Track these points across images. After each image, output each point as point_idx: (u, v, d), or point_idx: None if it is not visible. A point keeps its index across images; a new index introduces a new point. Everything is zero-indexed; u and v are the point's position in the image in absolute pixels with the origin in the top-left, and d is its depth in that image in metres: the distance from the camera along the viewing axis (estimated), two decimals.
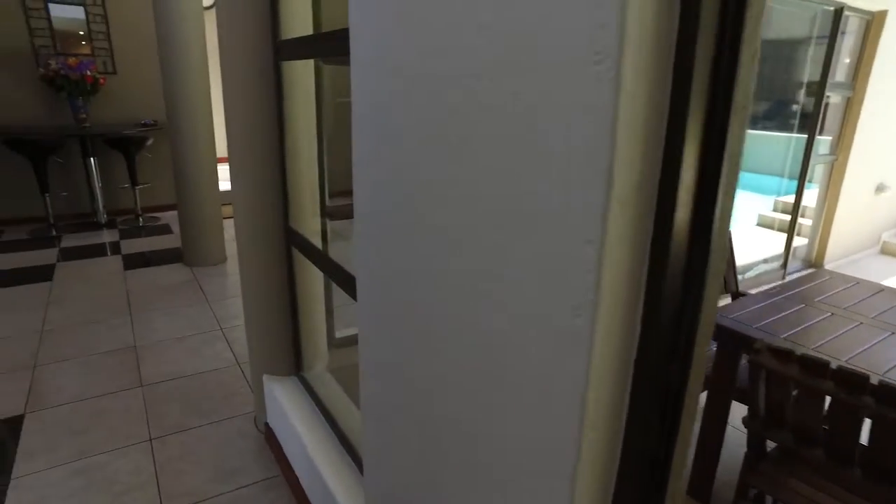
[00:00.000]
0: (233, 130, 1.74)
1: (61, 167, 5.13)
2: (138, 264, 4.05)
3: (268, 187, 1.77)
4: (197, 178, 3.83)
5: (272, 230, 1.81)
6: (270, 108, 1.69)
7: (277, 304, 1.90)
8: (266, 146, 1.71)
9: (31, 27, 4.78)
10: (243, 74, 1.66)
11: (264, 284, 1.88)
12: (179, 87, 3.63)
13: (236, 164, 1.78)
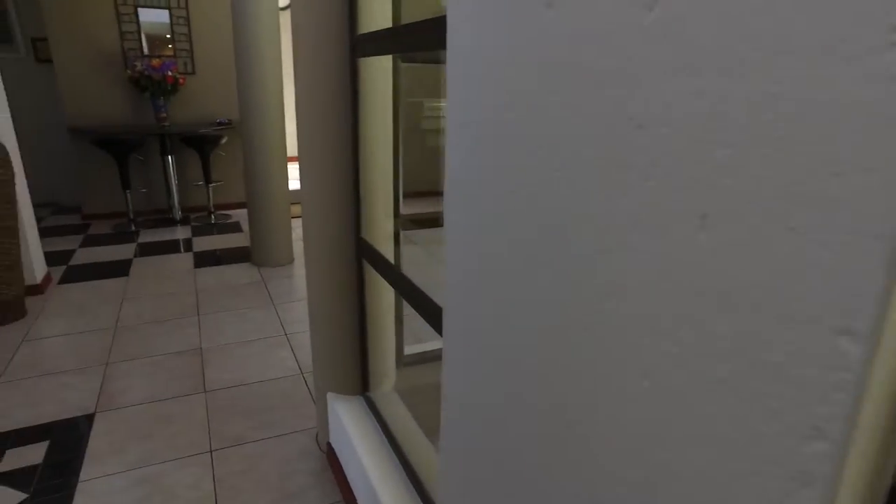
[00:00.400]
0: (304, 131, 1.64)
1: (141, 165, 5.33)
2: (208, 262, 4.10)
3: (339, 193, 1.65)
4: (266, 178, 3.83)
5: (342, 240, 1.70)
6: (345, 108, 1.57)
7: (345, 319, 1.79)
8: (339, 149, 1.60)
9: (122, 31, 4.98)
10: (317, 72, 1.55)
11: (332, 298, 1.76)
12: (253, 86, 3.63)
13: (307, 167, 1.67)
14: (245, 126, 3.75)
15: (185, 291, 3.52)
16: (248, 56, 3.57)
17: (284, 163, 3.90)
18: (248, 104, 3.68)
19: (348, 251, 1.69)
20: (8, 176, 2.87)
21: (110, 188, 5.24)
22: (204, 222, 5.28)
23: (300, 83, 1.60)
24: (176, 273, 3.86)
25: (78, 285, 3.63)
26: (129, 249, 4.40)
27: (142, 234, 4.84)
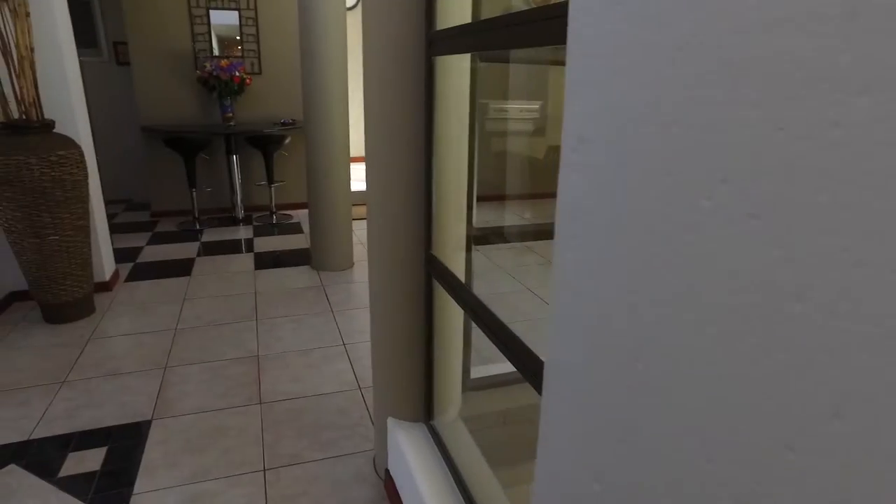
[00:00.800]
0: (373, 135, 1.52)
1: (207, 164, 5.43)
2: (268, 264, 4.10)
3: (409, 204, 1.52)
4: (329, 180, 3.78)
5: (410, 254, 1.56)
6: (417, 110, 1.44)
7: (410, 341, 1.65)
8: (410, 155, 1.47)
9: (194, 33, 5.09)
10: (388, 71, 1.42)
11: (396, 318, 1.64)
12: (317, 86, 3.59)
13: (374, 174, 1.55)
14: (309, 126, 3.71)
15: (244, 294, 3.51)
16: (314, 56, 3.53)
17: (347, 164, 3.84)
18: (313, 104, 3.64)
19: (416, 267, 1.56)
20: (81, 176, 2.92)
21: (177, 187, 5.37)
22: (265, 222, 5.32)
23: (370, 83, 1.48)
24: (236, 274, 3.87)
25: (143, 283, 3.69)
26: (193, 248, 4.47)
27: (205, 233, 4.92)
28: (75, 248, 2.97)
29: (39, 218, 2.79)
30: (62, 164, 2.79)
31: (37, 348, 2.79)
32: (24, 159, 2.67)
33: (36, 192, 2.73)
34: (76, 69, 3.29)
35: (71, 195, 2.86)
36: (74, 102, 3.19)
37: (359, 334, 2.98)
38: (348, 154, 3.82)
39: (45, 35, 3.01)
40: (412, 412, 1.77)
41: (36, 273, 2.92)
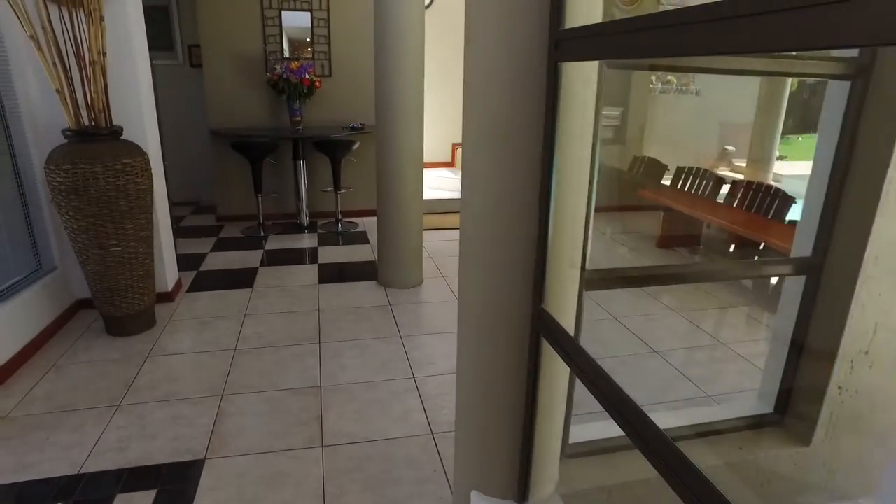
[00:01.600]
0: (475, 160, 1.25)
1: (273, 168, 5.37)
2: (333, 278, 3.93)
3: (520, 245, 1.24)
4: (401, 189, 3.56)
5: (516, 309, 1.28)
6: (534, 131, 1.16)
7: (508, 409, 1.37)
8: (523, 186, 1.19)
9: (266, 35, 5.03)
10: (498, 81, 1.15)
11: (492, 381, 1.36)
12: (392, 90, 3.38)
13: (475, 207, 1.28)
14: (381, 132, 3.51)
15: (307, 311, 3.34)
16: (389, 57, 3.32)
17: (420, 172, 3.61)
18: (387, 109, 3.43)
19: (521, 323, 1.28)
20: (146, 185, 2.82)
21: (243, 191, 5.33)
22: (330, 230, 5.19)
23: (473, 94, 1.21)
24: (299, 288, 3.72)
25: (205, 295, 3.60)
26: (256, 257, 4.38)
27: (269, 240, 4.84)
28: (138, 259, 2.88)
29: (103, 228, 2.71)
30: (127, 173, 2.69)
31: (96, 363, 2.71)
32: (90, 168, 2.58)
33: (101, 201, 2.65)
34: (148, 74, 3.22)
35: (135, 205, 2.77)
36: (144, 108, 3.12)
37: (429, 366, 2.73)
38: (422, 161, 3.60)
39: (118, 39, 2.95)
40: (503, 487, 1.48)
41: (99, 285, 2.84)
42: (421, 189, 3.66)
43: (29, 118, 2.90)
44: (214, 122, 5.14)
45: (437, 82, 7.02)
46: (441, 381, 2.60)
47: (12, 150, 2.85)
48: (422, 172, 3.63)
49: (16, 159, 2.87)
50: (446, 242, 4.83)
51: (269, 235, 5.00)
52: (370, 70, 5.23)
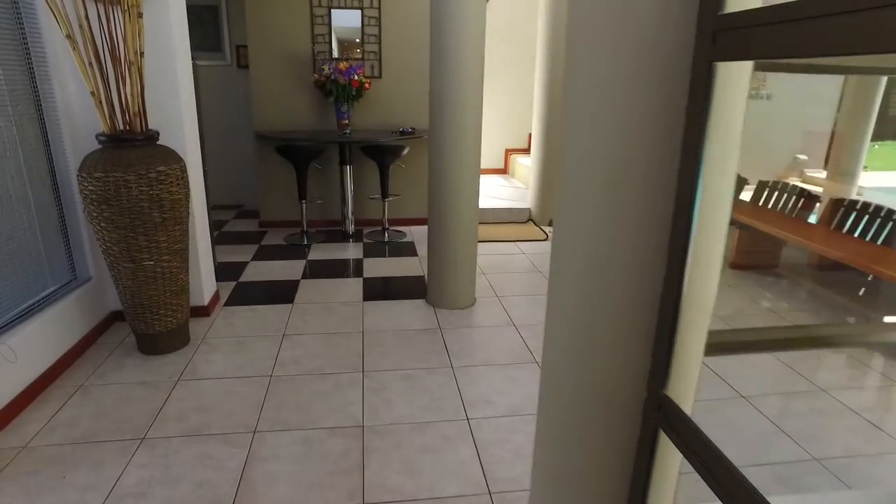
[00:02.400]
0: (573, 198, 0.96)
1: (319, 174, 5.20)
2: (378, 294, 3.69)
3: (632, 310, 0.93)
4: (455, 200, 3.29)
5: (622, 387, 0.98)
6: (670, 150, 0.86)
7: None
8: (641, 233, 0.89)
9: (314, 34, 4.86)
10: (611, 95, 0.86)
11: (583, 482, 1.06)
12: (449, 90, 3.11)
13: (568, 259, 0.99)
14: (435, 137, 3.25)
15: (350, 333, 3.11)
16: (447, 55, 3.06)
17: (476, 181, 3.33)
18: (441, 111, 3.17)
19: (629, 406, 0.97)
20: (181, 195, 2.65)
21: (287, 197, 5.18)
22: (376, 239, 4.98)
23: (578, 111, 0.92)
24: (342, 305, 3.49)
25: (243, 310, 3.42)
26: (298, 268, 4.19)
27: (313, 249, 4.65)
28: (171, 274, 2.71)
29: (136, 241, 2.54)
30: (161, 182, 2.52)
31: (125, 385, 2.55)
32: (122, 176, 2.42)
33: (133, 212, 2.48)
34: (189, 75, 3.06)
35: (169, 216, 2.59)
36: (184, 112, 2.95)
37: (485, 405, 2.44)
38: (478, 169, 3.32)
39: (157, 38, 2.79)
40: None
41: (130, 300, 2.69)
42: (476, 201, 3.38)
43: (67, 122, 2.78)
44: (259, 125, 5.00)
45: (493, 83, 6.73)
46: (498, 424, 2.31)
47: (49, 155, 2.72)
48: (478, 183, 3.35)
49: (53, 165, 2.75)
50: (500, 257, 4.53)
51: (313, 244, 4.83)
52: (422, 71, 5.00)
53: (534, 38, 6.63)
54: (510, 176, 6.79)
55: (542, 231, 5.25)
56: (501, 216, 5.55)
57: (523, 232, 5.21)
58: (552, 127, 5.23)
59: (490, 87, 6.71)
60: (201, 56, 5.76)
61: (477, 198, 3.38)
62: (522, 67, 6.78)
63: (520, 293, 3.75)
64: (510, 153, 6.86)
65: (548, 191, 5.40)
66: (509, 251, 4.69)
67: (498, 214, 5.53)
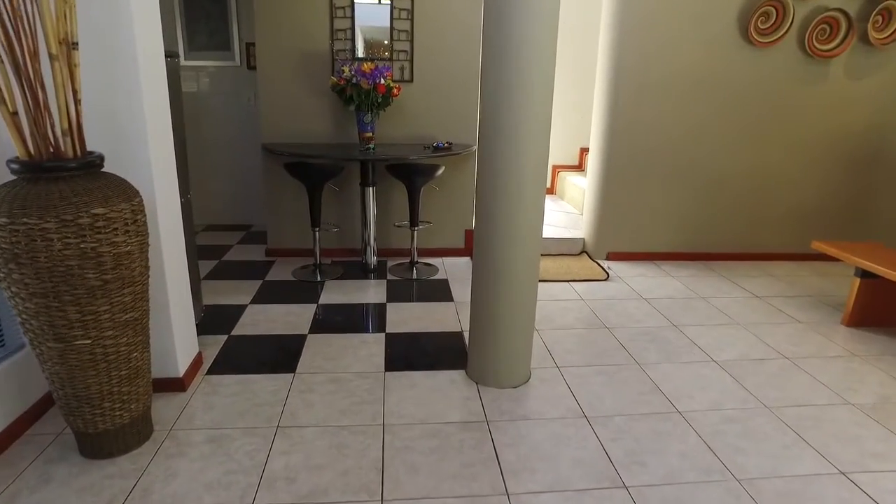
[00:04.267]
0: None
1: (336, 196, 4.45)
2: (404, 361, 2.90)
3: None
4: (510, 242, 2.49)
5: None
6: None
7: None
8: None
9: (334, 28, 4.12)
10: None
11: None
12: (508, 93, 2.31)
13: None
14: (487, 153, 2.45)
15: (365, 426, 2.32)
16: (507, 48, 2.26)
17: (541, 216, 2.52)
18: (496, 118, 2.37)
19: None
20: (133, 245, 1.89)
21: (299, 221, 4.44)
22: (403, 276, 4.19)
23: None
24: (357, 378, 2.71)
25: (230, 381, 2.65)
26: (306, 316, 3.42)
27: (326, 288, 3.89)
28: (119, 355, 1.96)
29: (62, 312, 1.79)
30: (99, 231, 1.76)
31: None
32: (38, 224, 1.67)
33: (56, 274, 1.73)
34: (159, 78, 2.31)
35: (112, 277, 1.84)
36: (149, 127, 2.20)
37: None
38: (542, 197, 2.51)
39: (103, 25, 2.05)
40: None
41: (61, 390, 1.94)
42: (539, 243, 2.56)
43: None
44: (267, 136, 4.27)
45: None
46: None
47: None
48: (542, 216, 2.54)
49: None
50: (552, 304, 3.70)
51: (327, 280, 4.06)
52: (462, 74, 4.22)
53: (586, 36, 5.81)
54: (559, 198, 5.96)
55: (600, 268, 4.41)
56: (549, 248, 4.71)
57: (577, 268, 4.38)
58: (615, 142, 4.39)
59: None
60: (206, 56, 5.07)
61: (539, 238, 2.57)
62: (573, 73, 5.95)
63: (585, 362, 2.92)
64: (558, 170, 6.03)
65: (607, 217, 4.56)
66: (563, 295, 3.86)
67: (546, 245, 4.71)
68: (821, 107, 4.45)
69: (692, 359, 2.99)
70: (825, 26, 4.20)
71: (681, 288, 4.07)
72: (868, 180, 4.67)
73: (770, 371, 2.88)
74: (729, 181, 4.56)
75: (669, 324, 3.44)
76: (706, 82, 4.29)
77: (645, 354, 3.02)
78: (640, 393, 2.64)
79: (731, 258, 4.77)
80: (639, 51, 4.18)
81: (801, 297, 3.95)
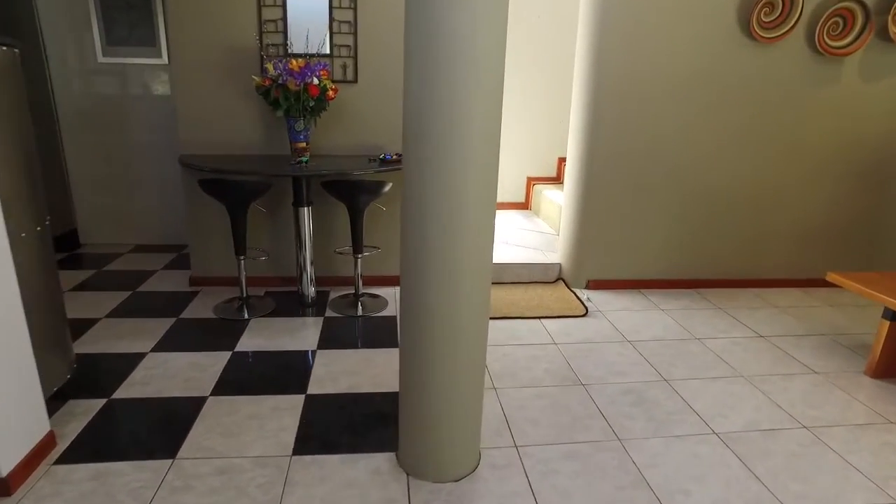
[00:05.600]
0: None
1: (264, 218, 3.84)
2: (317, 440, 2.29)
3: None
4: (448, 280, 1.89)
5: None
6: None
7: None
8: None
9: (262, 19, 3.51)
10: None
11: None
12: (443, 95, 1.72)
13: None
14: (414, 164, 1.86)
15: None
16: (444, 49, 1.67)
17: (489, 242, 1.93)
18: (426, 127, 1.78)
19: None
20: None
21: (227, 246, 3.82)
22: (345, 312, 3.58)
23: None
24: (255, 465, 2.10)
25: (80, 474, 2.03)
26: (214, 369, 2.81)
27: (249, 330, 3.27)
28: None
29: None
30: None
31: None
32: None
33: None
34: None
35: None
36: None
37: None
38: (493, 218, 1.91)
39: None
40: None
41: None
42: (488, 293, 1.97)
43: None
44: (186, 146, 3.66)
45: (509, 91, 5.34)
46: None
47: None
48: (490, 245, 1.95)
49: None
50: (516, 350, 3.11)
51: (254, 318, 3.45)
52: None
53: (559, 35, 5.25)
54: (534, 214, 5.38)
55: (578, 300, 3.82)
56: (520, 274, 4.13)
57: (551, 301, 3.79)
58: (596, 152, 3.82)
59: (506, 97, 5.33)
60: (127, 52, 4.45)
61: (488, 278, 1.98)
62: (549, 73, 5.38)
63: (552, 437, 2.33)
64: (533, 183, 5.45)
65: (587, 239, 3.99)
66: (532, 337, 3.27)
67: (515, 272, 4.12)
68: (832, 111, 3.91)
69: (686, 430, 2.41)
70: (838, 19, 3.66)
71: (672, 326, 3.50)
72: (885, 195, 4.13)
73: (787, 449, 2.30)
74: (725, 196, 4.01)
75: (658, 377, 2.86)
76: (701, 84, 3.74)
77: (628, 425, 2.44)
78: (619, 487, 2.05)
79: (728, 285, 4.22)
80: (623, 46, 3.62)
81: (813, 337, 3.40)
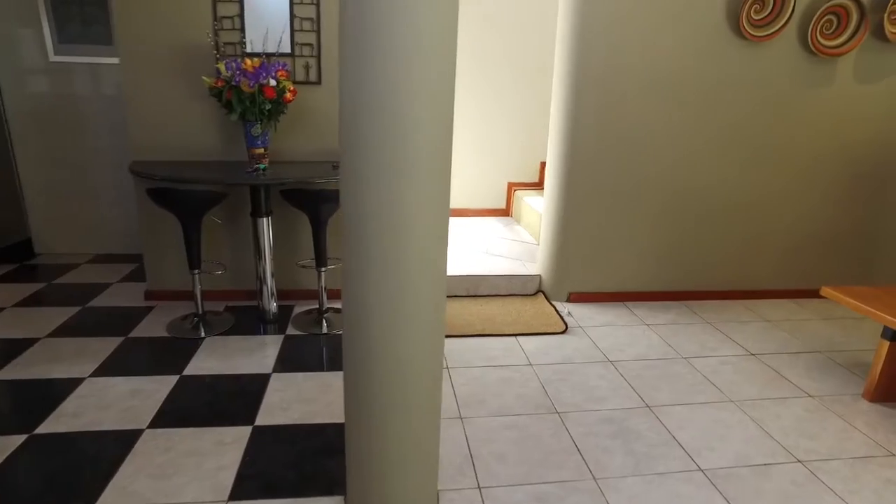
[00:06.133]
0: None
1: (220, 229, 3.60)
2: (259, 480, 2.06)
3: None
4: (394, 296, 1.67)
5: None
6: None
7: None
8: None
9: (217, 15, 3.28)
10: None
11: None
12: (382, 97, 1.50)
13: None
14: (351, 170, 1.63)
15: None
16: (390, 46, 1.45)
17: (444, 248, 1.70)
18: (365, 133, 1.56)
19: None
20: None
21: (179, 259, 3.59)
22: (307, 329, 3.35)
23: None
24: None
25: None
26: (157, 397, 2.57)
27: (202, 350, 3.04)
28: None
29: None
30: None
31: None
32: None
33: None
34: None
35: None
36: None
37: None
38: (446, 230, 1.69)
39: None
40: None
41: None
42: (442, 324, 1.75)
43: None
44: (138, 152, 3.42)
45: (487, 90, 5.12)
46: None
47: None
48: (446, 246, 1.72)
49: None
50: (486, 372, 2.89)
51: (209, 336, 3.21)
52: None
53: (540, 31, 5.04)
54: (515, 221, 5.16)
55: (557, 315, 3.61)
56: (498, 286, 3.91)
57: (530, 315, 3.58)
58: (577, 157, 3.61)
59: (485, 98, 5.10)
60: (80, 50, 4.20)
61: (443, 296, 1.75)
62: (530, 72, 5.16)
63: (520, 477, 2.11)
64: (514, 188, 5.23)
65: (568, 249, 3.77)
66: (506, 357, 3.05)
67: (493, 284, 3.90)
68: (825, 114, 3.72)
69: (670, 467, 2.19)
70: (832, 17, 3.47)
71: (657, 343, 3.29)
72: (881, 200, 3.95)
73: (780, 488, 2.09)
74: (714, 203, 3.81)
75: (641, 403, 2.65)
76: (688, 84, 3.54)
77: (605, 461, 2.22)
78: None
79: (717, 296, 4.02)
80: (604, 44, 3.41)
81: (807, 355, 3.20)
